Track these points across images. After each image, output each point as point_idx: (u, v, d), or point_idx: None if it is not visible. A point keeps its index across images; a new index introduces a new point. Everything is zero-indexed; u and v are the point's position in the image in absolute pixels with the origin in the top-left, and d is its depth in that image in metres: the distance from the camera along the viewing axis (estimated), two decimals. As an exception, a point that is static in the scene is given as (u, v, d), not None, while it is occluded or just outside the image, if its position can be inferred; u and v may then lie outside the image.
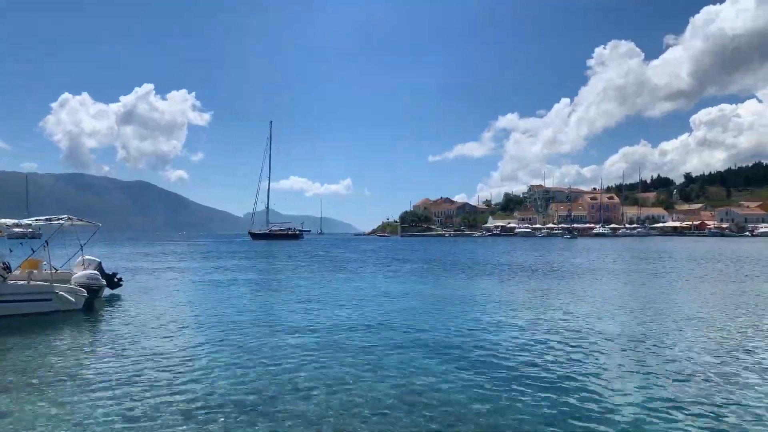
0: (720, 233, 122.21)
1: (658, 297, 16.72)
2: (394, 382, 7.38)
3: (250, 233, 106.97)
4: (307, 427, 5.72)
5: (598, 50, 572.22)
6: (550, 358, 8.82)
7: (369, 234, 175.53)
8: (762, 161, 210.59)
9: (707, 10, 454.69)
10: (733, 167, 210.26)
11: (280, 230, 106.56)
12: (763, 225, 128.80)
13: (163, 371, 7.90)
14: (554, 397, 6.73)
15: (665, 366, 8.25)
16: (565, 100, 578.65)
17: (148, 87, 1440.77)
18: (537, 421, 5.91)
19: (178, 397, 6.65)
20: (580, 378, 7.56)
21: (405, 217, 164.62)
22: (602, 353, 9.16)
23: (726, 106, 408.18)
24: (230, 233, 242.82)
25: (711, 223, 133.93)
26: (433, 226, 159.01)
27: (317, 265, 32.63)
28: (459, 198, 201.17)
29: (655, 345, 9.70)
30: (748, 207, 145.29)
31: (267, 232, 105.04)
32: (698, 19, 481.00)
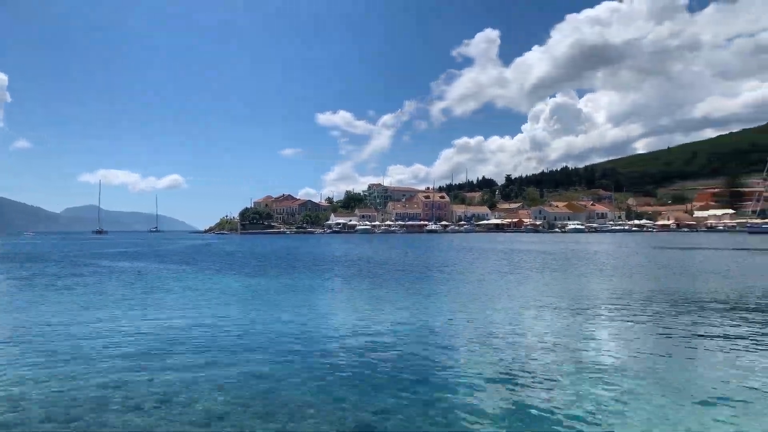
0: (534, 230, 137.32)
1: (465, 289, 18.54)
2: (230, 386, 6.91)
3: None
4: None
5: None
6: (390, 354, 8.82)
7: (206, 232, 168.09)
8: (568, 166, 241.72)
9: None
10: (546, 171, 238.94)
11: None
12: (570, 222, 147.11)
13: None
14: (396, 392, 6.71)
15: (499, 343, 8.85)
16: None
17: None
18: (380, 417, 5.81)
19: None
20: (423, 372, 7.55)
21: (245, 214, 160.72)
22: (439, 347, 9.39)
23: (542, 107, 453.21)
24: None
25: (527, 221, 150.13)
26: (274, 224, 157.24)
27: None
28: (302, 195, 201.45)
29: (489, 332, 10.60)
30: (557, 206, 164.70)
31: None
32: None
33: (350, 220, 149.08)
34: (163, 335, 10.08)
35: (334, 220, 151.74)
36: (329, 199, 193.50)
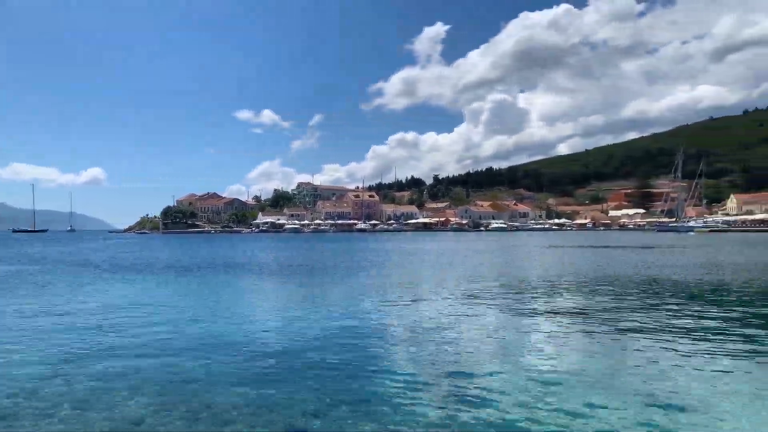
0: (460, 229, 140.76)
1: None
2: (152, 389, 6.68)
3: None
4: None
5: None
6: (317, 354, 8.85)
7: (126, 231, 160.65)
8: (493, 167, 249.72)
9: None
10: (471, 171, 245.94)
11: None
12: (494, 221, 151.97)
13: None
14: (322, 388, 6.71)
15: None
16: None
17: None
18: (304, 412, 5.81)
19: None
20: (352, 371, 7.64)
21: (168, 213, 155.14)
22: (367, 345, 9.50)
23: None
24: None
25: (454, 220, 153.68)
26: (199, 223, 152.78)
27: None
28: (229, 193, 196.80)
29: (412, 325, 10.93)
30: (482, 206, 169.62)
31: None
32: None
33: (279, 219, 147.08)
34: (79, 338, 9.63)
35: (262, 219, 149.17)
36: (257, 198, 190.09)
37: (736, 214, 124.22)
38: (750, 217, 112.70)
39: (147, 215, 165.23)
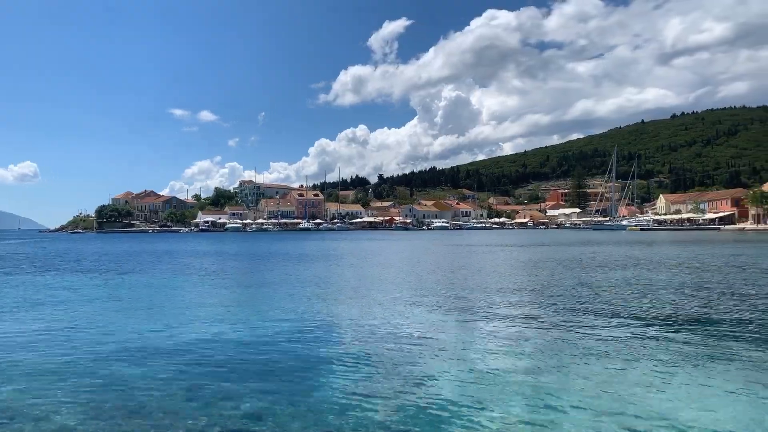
0: (404, 228, 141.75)
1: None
2: (87, 396, 6.43)
3: None
4: None
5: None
6: (255, 356, 8.69)
7: (57, 230, 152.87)
8: (436, 167, 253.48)
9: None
10: (415, 171, 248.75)
11: None
12: (437, 220, 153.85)
13: None
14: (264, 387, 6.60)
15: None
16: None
17: None
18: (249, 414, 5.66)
19: None
20: (291, 372, 7.59)
21: (102, 212, 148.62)
22: (305, 346, 9.42)
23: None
24: None
25: (398, 219, 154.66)
26: (135, 222, 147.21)
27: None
28: (167, 191, 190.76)
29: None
30: (425, 205, 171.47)
31: None
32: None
33: (220, 218, 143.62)
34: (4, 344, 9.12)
35: (202, 218, 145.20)
36: (197, 197, 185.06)
37: (665, 213, 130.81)
38: (677, 216, 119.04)
39: (81, 214, 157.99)
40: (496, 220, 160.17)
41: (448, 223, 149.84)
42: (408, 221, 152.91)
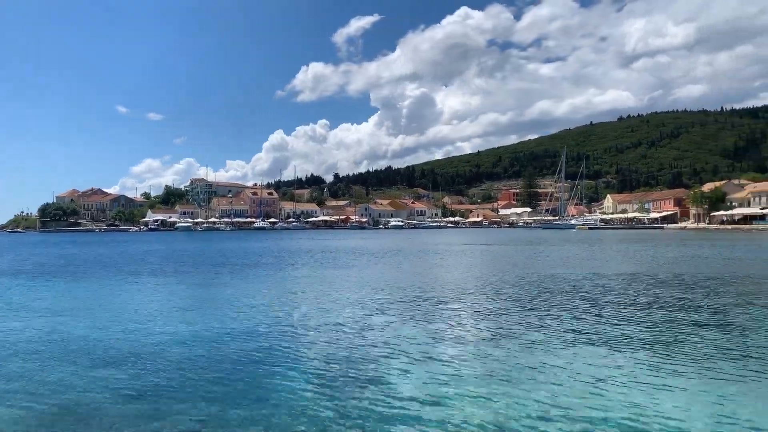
0: (360, 227, 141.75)
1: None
2: (32, 400, 6.27)
3: None
4: None
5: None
6: (206, 359, 8.48)
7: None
8: (392, 166, 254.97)
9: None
10: (371, 170, 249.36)
11: None
12: (392, 219, 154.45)
13: None
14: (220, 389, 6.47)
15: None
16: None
17: None
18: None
19: None
20: (244, 374, 7.47)
21: (46, 210, 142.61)
22: (258, 348, 9.27)
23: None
24: None
25: (354, 218, 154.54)
26: (82, 221, 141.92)
27: None
28: (115, 189, 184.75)
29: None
30: (381, 204, 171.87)
31: None
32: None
33: (170, 217, 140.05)
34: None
35: (151, 216, 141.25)
36: (146, 195, 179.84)
37: (612, 213, 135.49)
38: (623, 216, 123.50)
39: (22, 212, 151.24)
40: (451, 219, 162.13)
41: (403, 222, 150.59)
42: (364, 220, 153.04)
